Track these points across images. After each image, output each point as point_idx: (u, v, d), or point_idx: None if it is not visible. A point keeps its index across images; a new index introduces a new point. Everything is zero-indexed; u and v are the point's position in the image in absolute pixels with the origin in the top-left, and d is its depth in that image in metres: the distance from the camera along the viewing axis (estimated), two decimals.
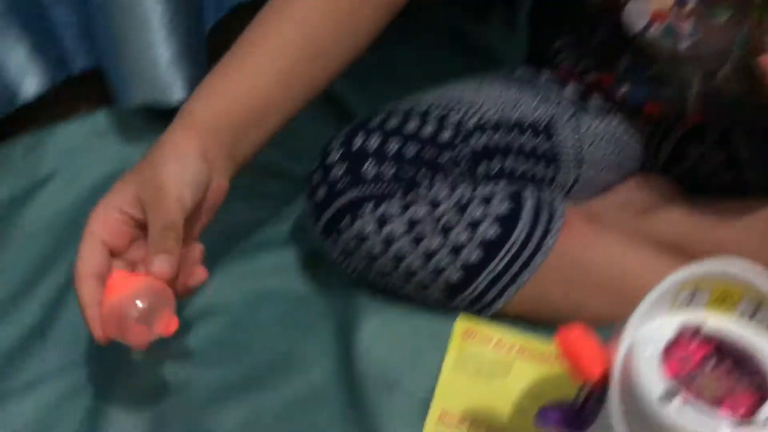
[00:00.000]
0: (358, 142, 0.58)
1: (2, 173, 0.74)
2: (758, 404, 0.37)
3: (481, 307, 0.58)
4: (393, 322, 0.59)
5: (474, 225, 0.56)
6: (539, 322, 0.58)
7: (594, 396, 0.42)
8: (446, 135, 0.59)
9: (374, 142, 0.58)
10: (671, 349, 0.39)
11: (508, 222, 0.56)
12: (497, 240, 0.56)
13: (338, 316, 0.61)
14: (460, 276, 0.57)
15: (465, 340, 0.57)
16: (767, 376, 0.38)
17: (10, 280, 0.65)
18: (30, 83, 0.73)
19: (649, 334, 0.39)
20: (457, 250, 0.56)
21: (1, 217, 0.70)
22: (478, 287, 0.57)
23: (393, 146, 0.57)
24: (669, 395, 0.37)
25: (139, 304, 0.48)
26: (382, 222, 0.56)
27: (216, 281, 0.64)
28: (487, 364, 0.56)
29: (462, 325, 0.58)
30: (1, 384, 0.57)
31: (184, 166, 0.52)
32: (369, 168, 0.57)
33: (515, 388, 0.55)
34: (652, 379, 0.37)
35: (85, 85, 0.80)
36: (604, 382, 0.40)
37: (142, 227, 0.52)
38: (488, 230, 0.56)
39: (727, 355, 0.39)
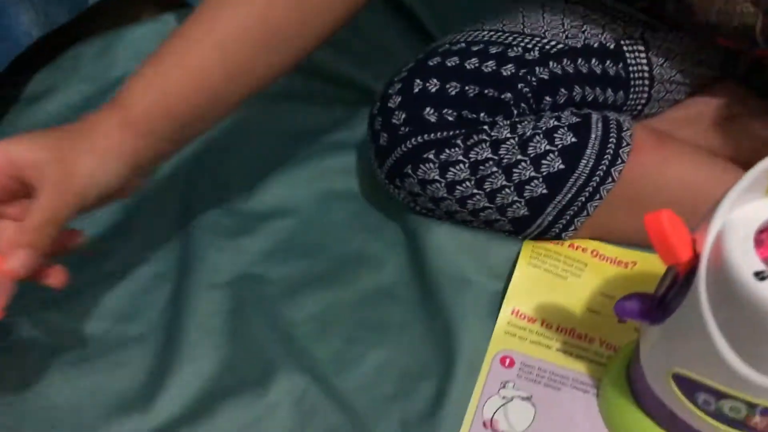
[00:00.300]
0: (417, 85, 0.56)
1: (73, 76, 0.75)
2: None
3: (551, 237, 0.58)
4: (460, 227, 0.59)
5: (537, 160, 0.55)
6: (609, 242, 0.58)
7: (678, 283, 0.42)
8: (509, 70, 0.57)
9: (434, 84, 0.56)
10: (764, 233, 0.39)
11: (573, 154, 0.55)
12: (562, 173, 0.55)
13: (408, 218, 0.61)
14: (526, 211, 0.56)
15: (539, 239, 0.57)
16: None
17: None
18: None
19: (742, 217, 0.39)
20: (521, 186, 0.55)
21: (74, 117, 0.70)
22: (545, 220, 0.57)
23: (453, 88, 0.56)
24: (762, 275, 0.36)
25: None
26: (445, 167, 0.55)
27: (287, 181, 0.66)
28: (561, 263, 0.56)
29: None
30: (82, 275, 0.59)
31: (104, 164, 0.47)
32: (429, 114, 0.56)
33: (588, 288, 0.55)
34: (746, 259, 0.37)
35: None
36: (690, 266, 0.40)
37: (30, 189, 0.46)
38: (552, 164, 0.55)
39: None
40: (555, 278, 0.55)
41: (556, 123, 0.56)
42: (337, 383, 0.51)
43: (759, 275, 0.36)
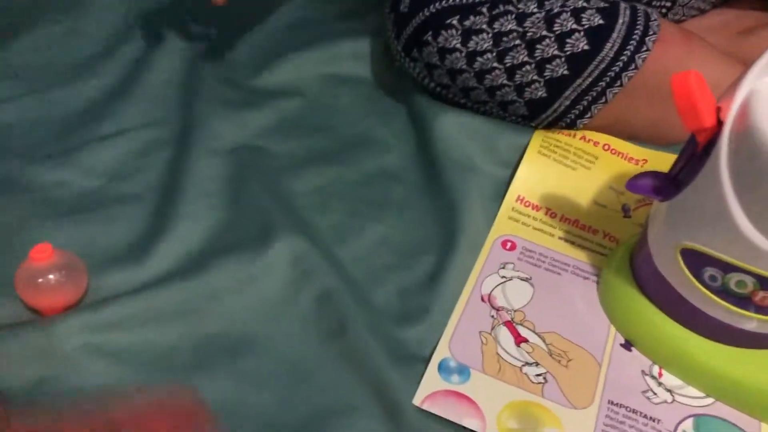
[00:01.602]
0: None
1: None
2: None
3: (565, 125, 0.57)
4: (469, 115, 0.58)
5: (562, 38, 0.53)
6: (619, 137, 0.57)
7: (695, 156, 0.41)
8: None
9: None
10: None
11: (599, 36, 0.53)
12: (586, 54, 0.53)
13: (415, 106, 0.60)
14: (544, 92, 0.55)
15: (552, 127, 0.56)
16: None
17: (90, 43, 0.65)
18: None
19: None
20: (542, 65, 0.54)
21: None
22: (562, 104, 0.55)
23: None
24: None
25: None
26: (467, 35, 0.54)
27: (296, 63, 0.64)
28: (571, 154, 0.55)
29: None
30: (83, 133, 0.58)
31: None
32: None
33: (596, 181, 0.54)
34: None
35: None
36: (711, 136, 0.39)
37: None
38: (577, 44, 0.53)
39: None
40: (564, 168, 0.54)
41: (584, 4, 0.54)
42: (336, 251, 0.50)
43: None
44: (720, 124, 0.39)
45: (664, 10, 0.63)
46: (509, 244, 0.51)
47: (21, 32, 0.65)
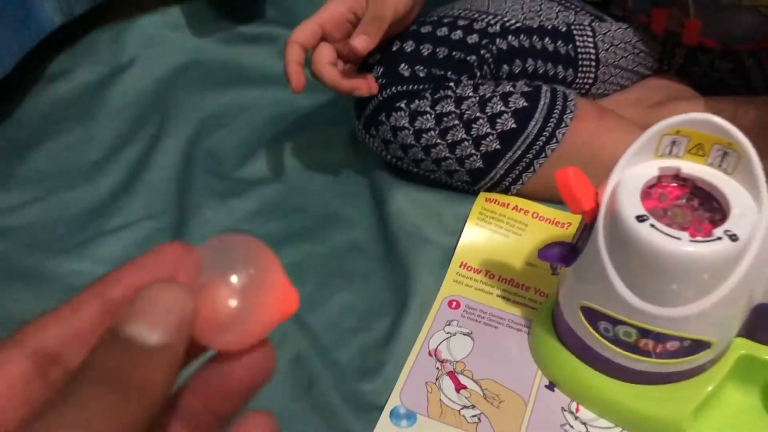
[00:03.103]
0: (395, 45, 0.66)
1: (89, 59, 0.84)
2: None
3: (501, 191, 0.67)
4: (421, 191, 0.68)
5: (493, 119, 0.64)
6: (551, 200, 0.67)
7: (585, 231, 0.51)
8: (473, 39, 0.67)
9: (409, 45, 0.66)
10: (653, 187, 0.48)
11: (524, 115, 0.63)
12: (514, 132, 0.63)
13: (376, 185, 0.70)
14: (482, 164, 0.65)
15: (487, 203, 0.66)
16: (726, 210, 0.46)
17: (98, 147, 0.76)
18: None
19: (634, 174, 0.47)
20: (478, 141, 0.64)
21: (89, 95, 0.81)
22: (497, 173, 0.65)
23: (426, 49, 0.66)
24: (641, 218, 0.45)
25: None
26: (414, 116, 0.64)
27: (274, 153, 0.75)
28: (504, 224, 0.65)
29: (485, 193, 0.67)
30: (95, 227, 0.68)
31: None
32: (403, 69, 0.65)
33: (528, 245, 0.64)
34: (631, 206, 0.46)
35: None
36: (594, 215, 0.49)
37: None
38: (506, 123, 0.63)
39: (697, 194, 0.48)
40: (499, 237, 0.64)
41: (511, 89, 0.65)
42: (307, 319, 0.60)
43: (639, 218, 0.45)
44: (598, 206, 0.48)
45: (587, 86, 0.73)
46: (454, 304, 0.61)
47: (40, 142, 0.76)
